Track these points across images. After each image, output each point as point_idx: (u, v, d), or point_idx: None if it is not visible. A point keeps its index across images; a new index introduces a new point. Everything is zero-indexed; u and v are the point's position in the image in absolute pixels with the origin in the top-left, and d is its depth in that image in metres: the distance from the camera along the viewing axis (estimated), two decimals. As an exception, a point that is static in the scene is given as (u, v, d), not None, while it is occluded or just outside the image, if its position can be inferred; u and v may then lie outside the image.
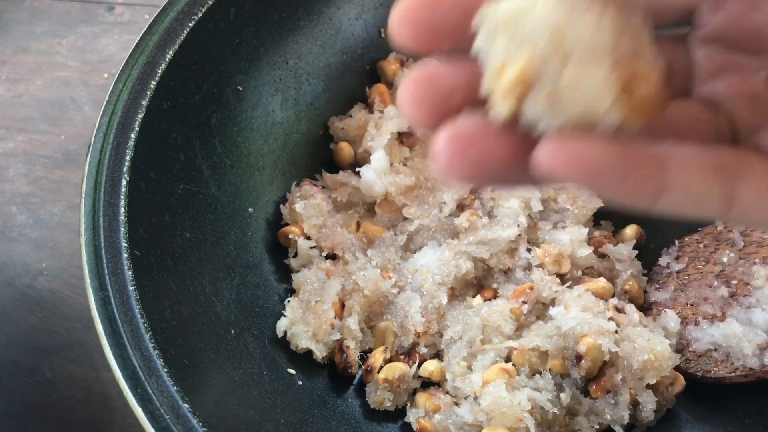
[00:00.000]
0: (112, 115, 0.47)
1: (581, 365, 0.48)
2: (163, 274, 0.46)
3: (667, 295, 0.54)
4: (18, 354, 0.60)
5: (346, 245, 0.56)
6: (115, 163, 0.46)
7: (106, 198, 0.45)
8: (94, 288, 0.42)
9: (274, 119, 0.58)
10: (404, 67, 0.62)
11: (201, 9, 0.51)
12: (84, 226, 0.44)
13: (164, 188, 0.49)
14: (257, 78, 0.57)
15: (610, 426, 0.49)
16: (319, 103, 0.61)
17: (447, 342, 0.52)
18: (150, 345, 0.41)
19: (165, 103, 0.49)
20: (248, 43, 0.55)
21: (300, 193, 0.57)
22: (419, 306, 0.53)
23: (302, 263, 0.56)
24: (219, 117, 0.54)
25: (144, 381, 0.39)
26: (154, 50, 0.49)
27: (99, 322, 0.41)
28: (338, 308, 0.53)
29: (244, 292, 0.52)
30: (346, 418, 0.51)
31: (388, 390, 0.51)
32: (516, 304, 0.51)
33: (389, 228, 0.57)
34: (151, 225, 0.46)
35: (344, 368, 0.52)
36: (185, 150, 0.51)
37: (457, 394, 0.51)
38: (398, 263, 0.55)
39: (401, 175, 0.56)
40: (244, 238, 0.54)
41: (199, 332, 0.46)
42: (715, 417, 0.51)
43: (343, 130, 0.60)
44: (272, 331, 0.52)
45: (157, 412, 0.39)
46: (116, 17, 0.79)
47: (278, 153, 0.58)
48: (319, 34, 0.60)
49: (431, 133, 0.22)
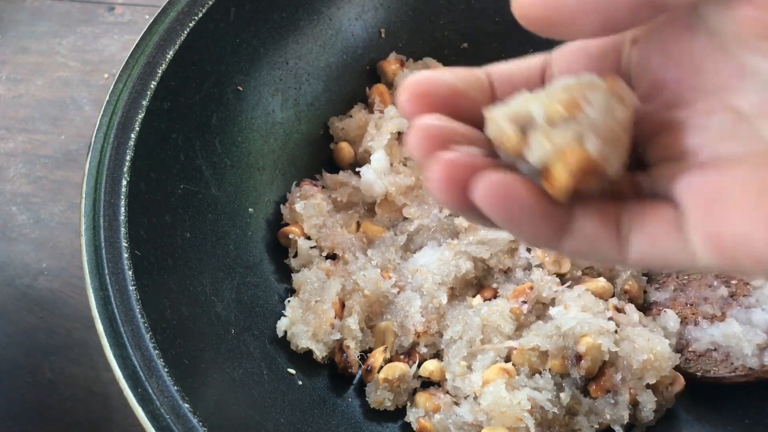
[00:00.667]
0: (113, 115, 0.47)
1: (581, 365, 0.48)
2: (164, 274, 0.46)
3: (667, 295, 0.54)
4: (18, 354, 0.60)
5: (346, 245, 0.56)
6: (116, 163, 0.46)
7: (106, 198, 0.45)
8: (95, 288, 0.42)
9: (274, 119, 0.58)
10: (404, 67, 0.62)
11: (201, 9, 0.51)
12: (84, 226, 0.44)
13: (164, 188, 0.49)
14: (257, 78, 0.57)
15: (609, 426, 0.49)
16: (319, 103, 0.61)
17: (447, 342, 0.52)
18: (150, 345, 0.41)
19: (165, 103, 0.49)
20: (248, 43, 0.55)
21: (300, 193, 0.57)
22: (419, 306, 0.53)
23: (302, 263, 0.56)
24: (219, 117, 0.54)
25: (144, 381, 0.39)
26: (154, 50, 0.49)
27: (99, 322, 0.41)
28: (338, 308, 0.53)
29: (244, 292, 0.52)
30: (346, 418, 0.51)
31: (388, 390, 0.51)
32: (516, 304, 0.51)
33: (389, 228, 0.57)
34: (152, 225, 0.46)
35: (344, 368, 0.52)
36: (185, 150, 0.51)
37: (457, 393, 0.51)
38: (398, 263, 0.55)
39: (401, 175, 0.56)
40: (244, 238, 0.54)
41: (199, 332, 0.46)
42: (715, 417, 0.51)
43: (343, 130, 0.60)
44: (272, 331, 0.52)
45: (157, 411, 0.39)
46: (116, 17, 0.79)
47: (278, 153, 0.58)
48: (319, 34, 0.60)
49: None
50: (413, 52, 0.63)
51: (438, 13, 0.63)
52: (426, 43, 0.63)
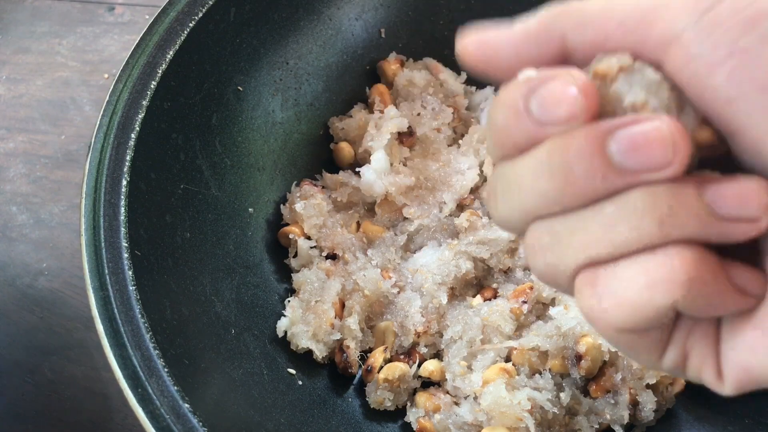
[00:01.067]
0: (113, 115, 0.47)
1: (581, 365, 0.48)
2: (164, 274, 0.46)
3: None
4: (18, 354, 0.60)
5: (346, 245, 0.56)
6: (116, 163, 0.46)
7: (106, 198, 0.45)
8: (95, 288, 0.42)
9: (274, 119, 0.58)
10: (404, 67, 0.62)
11: (201, 9, 0.51)
12: (84, 226, 0.44)
13: (164, 188, 0.49)
14: (257, 78, 0.57)
15: (609, 426, 0.49)
16: (319, 103, 0.61)
17: (447, 342, 0.52)
18: (150, 345, 0.41)
19: (165, 103, 0.49)
20: (248, 43, 0.55)
21: (300, 193, 0.57)
22: (419, 306, 0.53)
23: (302, 263, 0.56)
24: (219, 117, 0.54)
25: (144, 381, 0.39)
26: (154, 50, 0.49)
27: (99, 322, 0.41)
28: (338, 308, 0.53)
29: (244, 292, 0.52)
30: (346, 418, 0.51)
31: (388, 390, 0.51)
32: (516, 304, 0.51)
33: (389, 228, 0.57)
34: (152, 225, 0.46)
35: (344, 368, 0.52)
36: (185, 150, 0.51)
37: (457, 393, 0.51)
38: (398, 263, 0.55)
39: (401, 175, 0.56)
40: (245, 238, 0.54)
41: (199, 332, 0.46)
42: (715, 417, 0.51)
43: (343, 130, 0.60)
44: (272, 331, 0.52)
45: (157, 411, 0.39)
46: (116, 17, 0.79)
47: (278, 153, 0.58)
48: (319, 35, 0.60)
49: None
50: (413, 52, 0.63)
51: (438, 13, 0.63)
52: (426, 43, 0.63)
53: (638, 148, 0.22)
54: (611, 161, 0.22)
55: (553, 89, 0.23)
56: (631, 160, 0.22)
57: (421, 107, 0.59)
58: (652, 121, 0.22)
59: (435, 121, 0.59)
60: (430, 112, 0.59)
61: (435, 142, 0.59)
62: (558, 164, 0.22)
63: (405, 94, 0.61)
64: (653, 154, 0.22)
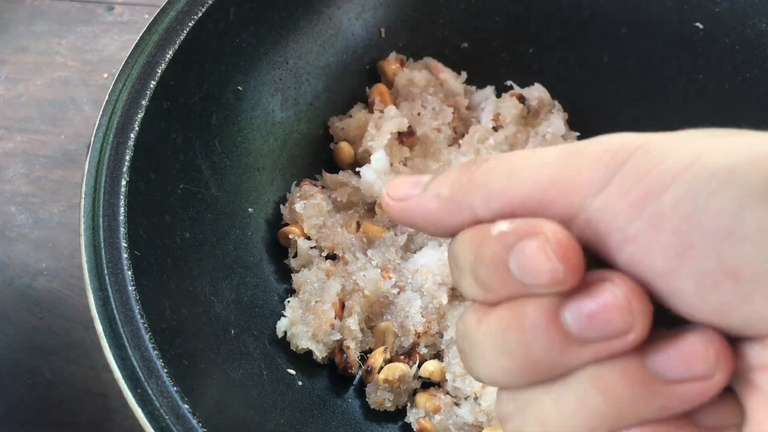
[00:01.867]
0: (112, 115, 0.47)
1: (581, 365, 0.48)
2: (163, 274, 0.46)
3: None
4: (18, 354, 0.60)
5: (346, 245, 0.56)
6: (115, 163, 0.46)
7: (105, 198, 0.45)
8: (94, 288, 0.42)
9: (274, 119, 0.58)
10: (404, 67, 0.62)
11: (201, 9, 0.51)
12: (84, 226, 0.44)
13: (164, 188, 0.49)
14: (257, 78, 0.56)
15: (610, 426, 0.49)
16: (319, 103, 0.61)
17: (447, 342, 0.52)
18: (150, 345, 0.40)
19: (165, 103, 0.49)
20: (248, 43, 0.55)
21: (300, 193, 0.57)
22: (419, 306, 0.53)
23: (302, 263, 0.56)
24: (219, 117, 0.54)
25: (144, 381, 0.39)
26: (154, 50, 0.49)
27: (99, 322, 0.41)
28: (338, 308, 0.53)
29: (244, 292, 0.52)
30: (346, 419, 0.51)
31: (388, 390, 0.51)
32: (516, 305, 0.51)
33: (389, 228, 0.57)
34: (151, 225, 0.46)
35: (344, 368, 0.52)
36: (185, 150, 0.51)
37: (458, 394, 0.51)
38: (398, 263, 0.55)
39: (401, 175, 0.56)
40: (244, 238, 0.54)
41: (199, 332, 0.46)
42: None
43: (343, 130, 0.60)
44: (272, 331, 0.52)
45: (157, 412, 0.38)
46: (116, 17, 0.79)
47: (278, 153, 0.58)
48: (319, 34, 0.60)
49: None
50: (413, 52, 0.63)
51: (438, 13, 0.63)
52: (426, 43, 0.63)
53: (593, 317, 0.21)
54: (568, 333, 0.21)
55: (531, 254, 0.22)
56: (588, 330, 0.21)
57: (421, 107, 0.59)
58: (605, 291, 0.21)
59: (435, 121, 0.59)
60: (430, 112, 0.59)
61: (435, 142, 0.59)
62: (514, 343, 0.22)
63: (405, 93, 0.61)
64: (611, 321, 0.21)
